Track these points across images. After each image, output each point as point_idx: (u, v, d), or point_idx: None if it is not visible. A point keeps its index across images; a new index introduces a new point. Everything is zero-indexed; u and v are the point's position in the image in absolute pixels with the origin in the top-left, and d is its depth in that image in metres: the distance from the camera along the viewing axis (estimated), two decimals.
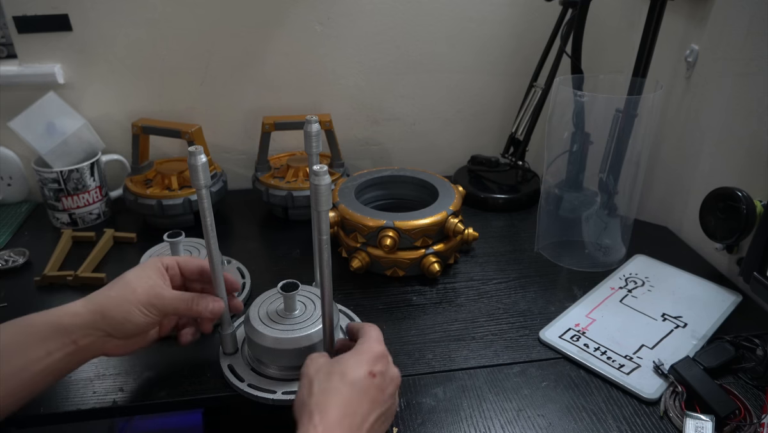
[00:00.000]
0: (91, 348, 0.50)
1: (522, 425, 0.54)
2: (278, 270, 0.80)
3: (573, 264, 0.80)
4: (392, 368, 0.49)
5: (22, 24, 0.88)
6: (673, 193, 0.87)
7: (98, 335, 0.50)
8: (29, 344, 0.48)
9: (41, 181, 0.87)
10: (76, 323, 0.49)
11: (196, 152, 0.49)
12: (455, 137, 1.09)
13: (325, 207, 0.46)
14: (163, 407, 0.58)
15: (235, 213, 0.96)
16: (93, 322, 0.50)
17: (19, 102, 0.88)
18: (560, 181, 0.81)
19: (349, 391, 0.44)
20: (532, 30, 0.98)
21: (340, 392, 0.44)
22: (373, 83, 1.01)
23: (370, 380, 0.46)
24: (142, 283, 0.52)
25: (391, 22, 0.96)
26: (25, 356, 0.47)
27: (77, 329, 0.49)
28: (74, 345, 0.49)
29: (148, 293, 0.52)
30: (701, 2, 0.78)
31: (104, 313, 0.50)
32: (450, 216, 0.76)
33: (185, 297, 0.54)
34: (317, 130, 0.59)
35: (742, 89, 0.73)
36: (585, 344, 0.64)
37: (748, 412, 0.54)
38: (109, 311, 0.50)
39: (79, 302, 0.51)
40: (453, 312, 0.71)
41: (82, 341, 0.49)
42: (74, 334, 0.49)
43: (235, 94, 0.99)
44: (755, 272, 0.62)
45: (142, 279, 0.53)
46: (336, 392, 0.44)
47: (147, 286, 0.52)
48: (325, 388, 0.45)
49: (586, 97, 0.74)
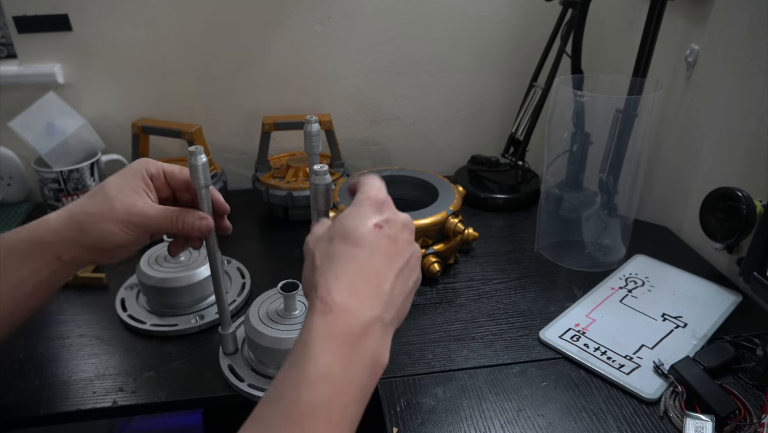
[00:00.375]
0: (75, 262, 0.49)
1: (522, 425, 0.54)
2: (278, 270, 0.80)
3: (573, 264, 0.80)
4: (400, 214, 0.42)
5: (22, 24, 0.88)
6: (673, 193, 0.87)
7: (81, 250, 0.48)
8: (13, 265, 0.46)
9: (41, 181, 0.87)
10: (57, 240, 0.47)
11: (196, 152, 0.49)
12: (455, 137, 1.09)
13: (325, 207, 0.46)
14: (163, 407, 0.58)
15: (235, 213, 0.96)
16: (73, 237, 0.47)
17: (19, 102, 0.88)
18: (560, 181, 0.81)
19: (357, 251, 0.38)
20: (532, 30, 0.98)
21: (347, 254, 0.38)
22: (373, 83, 1.01)
23: (378, 232, 0.39)
24: (123, 197, 0.48)
25: (391, 22, 0.96)
26: (14, 276, 0.46)
27: (59, 246, 0.47)
28: (58, 261, 0.47)
29: (128, 210, 0.48)
30: (701, 2, 0.78)
31: (83, 230, 0.47)
32: (450, 216, 0.76)
33: (169, 214, 0.50)
34: (317, 130, 0.59)
35: (742, 89, 0.73)
36: (585, 344, 0.64)
37: (748, 412, 0.54)
38: (87, 228, 0.47)
39: (58, 217, 0.48)
40: (453, 312, 0.71)
41: (65, 256, 0.48)
42: (57, 250, 0.47)
43: (235, 94, 0.99)
44: (755, 272, 0.62)
45: (122, 192, 0.48)
46: (342, 255, 0.38)
47: (127, 202, 0.48)
48: (330, 255, 0.39)
49: (586, 97, 0.74)
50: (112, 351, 0.64)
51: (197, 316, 0.68)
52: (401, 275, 0.39)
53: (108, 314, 0.70)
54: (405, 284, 0.40)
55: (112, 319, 0.69)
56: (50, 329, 0.68)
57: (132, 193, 0.49)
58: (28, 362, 0.62)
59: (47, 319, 0.69)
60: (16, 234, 0.48)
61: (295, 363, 0.35)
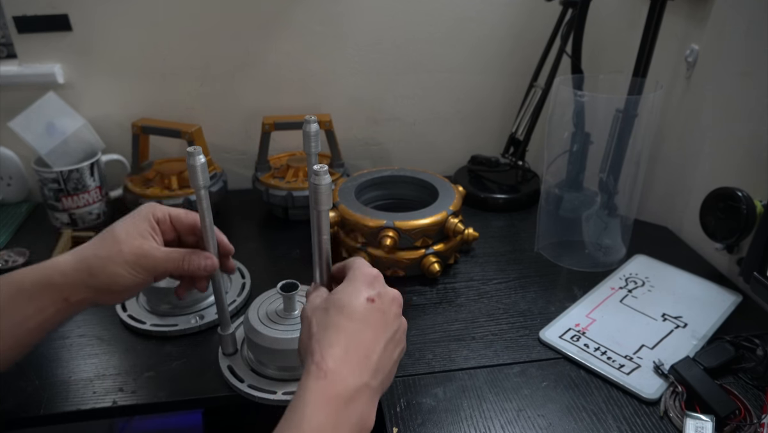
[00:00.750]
0: (82, 303, 0.50)
1: (522, 425, 0.54)
2: (278, 270, 0.80)
3: (573, 264, 0.80)
4: (390, 289, 0.46)
5: (22, 24, 0.88)
6: (673, 193, 0.87)
7: (88, 292, 0.49)
8: (21, 302, 0.48)
9: (41, 181, 0.87)
10: (66, 282, 0.49)
11: (195, 153, 0.49)
12: (455, 137, 1.09)
13: (325, 207, 0.46)
14: (163, 407, 0.58)
15: (235, 213, 0.96)
16: (82, 280, 0.49)
17: (19, 102, 0.88)
18: (560, 181, 0.81)
19: (350, 323, 0.42)
20: (532, 30, 0.98)
21: (341, 325, 0.42)
22: (373, 83, 1.01)
23: (370, 306, 0.43)
24: (130, 240, 0.50)
25: (391, 22, 0.96)
26: (17, 315, 0.47)
27: (67, 288, 0.49)
28: (65, 302, 0.49)
29: (135, 253, 0.50)
30: (701, 2, 0.78)
31: (92, 273, 0.49)
32: (450, 216, 0.76)
33: (175, 256, 0.52)
34: (316, 130, 0.59)
35: (742, 89, 0.73)
36: (585, 344, 0.64)
37: (748, 412, 0.54)
38: (96, 271, 0.49)
39: (68, 260, 0.50)
40: (453, 312, 0.71)
41: (73, 297, 0.49)
42: (65, 292, 0.49)
43: (235, 94, 0.99)
44: (755, 272, 0.62)
45: (130, 236, 0.51)
46: (336, 326, 0.42)
47: (135, 245, 0.50)
48: (325, 324, 0.42)
49: (586, 97, 0.74)
50: (112, 351, 0.64)
51: (197, 316, 0.68)
52: (389, 345, 0.43)
53: (108, 314, 0.70)
54: (392, 353, 0.44)
55: (112, 319, 0.69)
56: None
57: (139, 236, 0.51)
58: (28, 362, 0.62)
59: None
60: (24, 274, 0.49)
61: (291, 422, 0.38)
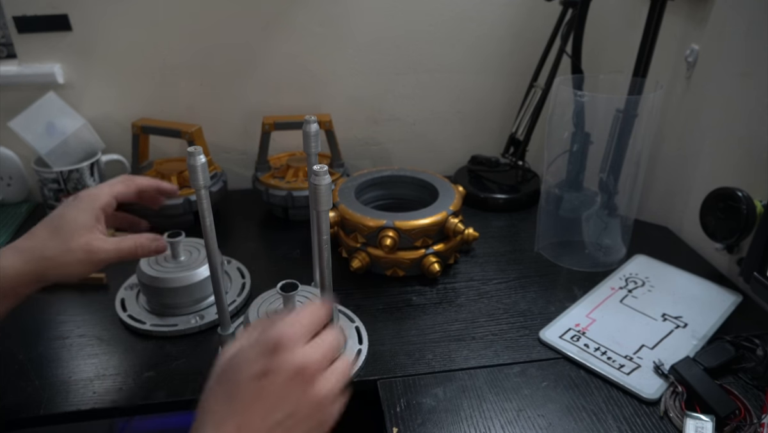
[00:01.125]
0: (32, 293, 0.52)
1: (522, 426, 0.54)
2: (278, 270, 0.80)
3: (573, 264, 0.80)
4: (296, 359, 0.38)
5: (22, 24, 0.88)
6: (673, 193, 0.87)
7: (40, 284, 0.52)
8: None
9: (41, 181, 0.87)
10: (20, 282, 0.51)
11: (195, 153, 0.49)
12: (455, 137, 1.09)
13: (325, 207, 0.46)
14: (163, 407, 0.58)
15: (235, 213, 0.96)
16: (35, 277, 0.51)
17: (19, 102, 0.88)
18: (560, 181, 0.81)
19: (240, 393, 0.37)
20: (531, 30, 0.98)
21: (233, 394, 0.37)
22: (373, 83, 1.01)
23: (256, 383, 0.37)
24: (77, 238, 0.52)
25: (391, 22, 0.96)
26: None
27: (19, 285, 0.51)
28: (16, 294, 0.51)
29: (84, 249, 0.52)
30: (701, 2, 0.78)
31: (41, 273, 0.51)
32: (450, 216, 0.76)
33: (125, 246, 0.55)
34: (316, 131, 0.59)
35: (742, 89, 0.73)
36: (585, 344, 0.64)
37: (748, 412, 0.54)
38: (47, 271, 0.51)
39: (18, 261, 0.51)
40: (453, 312, 0.71)
41: (24, 290, 0.51)
42: (17, 288, 0.51)
43: (235, 94, 0.99)
44: (755, 272, 0.62)
45: (77, 232, 0.52)
46: (229, 396, 0.37)
47: (82, 242, 0.52)
48: (214, 395, 0.38)
49: (586, 97, 0.74)
50: (112, 351, 0.64)
51: (197, 316, 0.68)
52: (279, 428, 0.37)
53: (108, 314, 0.70)
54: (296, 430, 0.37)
55: (112, 319, 0.69)
56: (50, 329, 0.68)
57: (86, 231, 0.53)
58: (28, 362, 0.62)
59: (47, 319, 0.69)
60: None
61: None
